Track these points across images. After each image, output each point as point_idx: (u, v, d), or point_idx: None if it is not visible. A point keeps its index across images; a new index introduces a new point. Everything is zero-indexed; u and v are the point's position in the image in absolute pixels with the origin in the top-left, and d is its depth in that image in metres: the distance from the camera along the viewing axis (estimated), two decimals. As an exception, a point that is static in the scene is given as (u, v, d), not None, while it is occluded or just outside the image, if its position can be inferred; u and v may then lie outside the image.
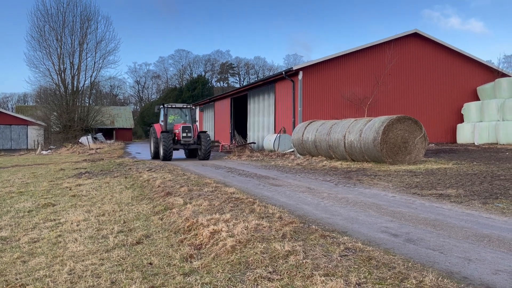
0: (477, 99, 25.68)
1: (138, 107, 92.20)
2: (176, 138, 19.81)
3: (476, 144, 23.58)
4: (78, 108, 45.06)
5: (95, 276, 4.59)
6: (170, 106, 20.90)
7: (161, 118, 21.12)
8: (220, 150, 27.60)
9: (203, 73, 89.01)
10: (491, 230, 5.54)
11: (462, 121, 25.47)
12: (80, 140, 39.67)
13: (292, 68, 22.67)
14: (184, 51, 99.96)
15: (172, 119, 21.16)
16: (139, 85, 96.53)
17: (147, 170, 13.67)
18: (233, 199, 7.72)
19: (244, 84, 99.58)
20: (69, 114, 43.28)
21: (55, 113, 44.31)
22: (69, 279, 4.51)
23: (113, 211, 8.02)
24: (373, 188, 9.36)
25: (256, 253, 4.67)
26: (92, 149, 32.68)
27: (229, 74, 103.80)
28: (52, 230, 6.76)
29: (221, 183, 10.13)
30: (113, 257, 5.19)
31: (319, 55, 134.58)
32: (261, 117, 27.68)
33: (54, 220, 7.54)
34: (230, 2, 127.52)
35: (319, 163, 15.55)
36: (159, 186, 10.03)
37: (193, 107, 21.65)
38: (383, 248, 4.73)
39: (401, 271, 3.93)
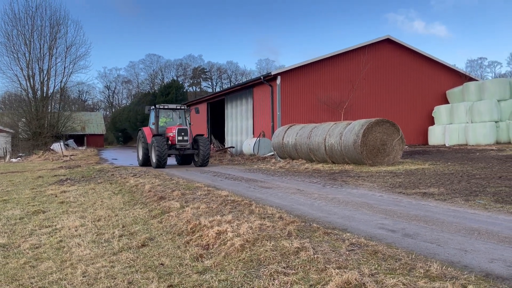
0: (447, 102, 26.79)
1: (108, 113, 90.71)
2: (170, 142, 17.75)
3: (447, 145, 24.59)
4: (48, 114, 43.98)
5: (110, 277, 4.69)
6: (162, 107, 18.62)
7: (151, 120, 19.21)
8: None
9: (175, 78, 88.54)
10: (479, 224, 5.95)
11: (433, 123, 26.50)
12: (52, 147, 38.75)
13: (270, 73, 23.04)
14: (155, 56, 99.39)
15: (163, 121, 19.04)
16: (109, 90, 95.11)
17: (132, 176, 13.64)
18: (229, 201, 7.90)
19: (217, 88, 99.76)
20: (39, 121, 42.18)
21: (23, 119, 43.13)
22: (85, 281, 4.60)
23: (108, 216, 8.05)
24: (360, 188, 9.74)
25: (266, 250, 4.88)
26: (66, 156, 32.00)
27: (201, 79, 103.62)
28: (51, 236, 6.76)
29: (212, 186, 10.29)
30: (122, 260, 5.29)
31: (288, 60, 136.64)
32: (239, 121, 27.90)
33: (50, 226, 7.51)
34: (201, 7, 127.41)
35: (301, 166, 15.90)
36: (149, 191, 10.08)
37: (187, 108, 19.68)
38: (385, 242, 5.03)
39: (407, 262, 4.24)
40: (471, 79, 27.82)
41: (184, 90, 68.36)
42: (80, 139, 60.45)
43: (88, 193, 11.30)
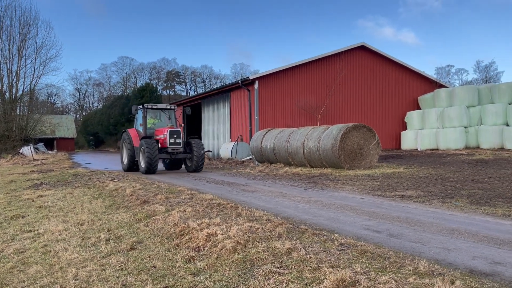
0: (419, 108, 27.63)
1: (79, 116, 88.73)
2: (160, 145, 16.22)
3: (419, 150, 25.34)
4: (17, 117, 42.73)
5: (103, 280, 4.68)
6: (150, 106, 17.26)
7: (138, 121, 17.80)
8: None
9: (148, 81, 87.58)
10: (458, 224, 6.23)
11: (405, 128, 27.26)
12: (21, 151, 37.60)
13: (248, 77, 23.19)
14: (127, 58, 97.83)
15: (151, 122, 17.45)
16: (80, 93, 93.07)
17: (111, 180, 13.46)
18: (215, 204, 7.96)
19: (191, 92, 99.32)
20: (7, 124, 40.92)
21: (-10, 122, 41.72)
22: (78, 284, 4.57)
23: (91, 220, 7.96)
24: (341, 191, 9.97)
25: (259, 251, 4.98)
26: (37, 159, 31.13)
27: (175, 82, 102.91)
28: (35, 241, 6.64)
29: (195, 190, 10.30)
30: (113, 263, 5.27)
31: (261, 64, 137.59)
32: (216, 125, 27.91)
33: (31, 231, 7.37)
34: (175, 10, 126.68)
35: (280, 169, 16.08)
36: (131, 195, 10.00)
37: (176, 108, 18.33)
38: (372, 242, 5.22)
39: (396, 260, 4.42)
40: (441, 86, 28.81)
41: (159, 93, 67.59)
42: (49, 143, 58.88)
43: (67, 197, 11.10)
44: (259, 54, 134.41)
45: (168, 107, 17.74)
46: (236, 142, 22.83)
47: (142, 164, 15.68)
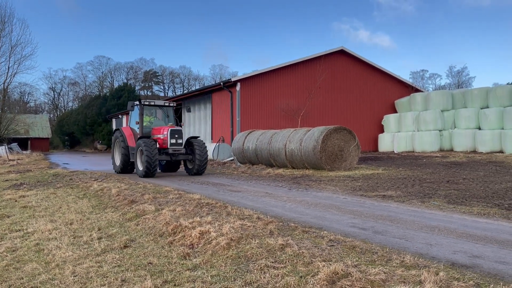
0: (395, 111, 28.37)
1: (53, 116, 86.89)
2: (159, 146, 14.74)
3: (395, 152, 26.04)
4: (-11, 116, 41.69)
5: (101, 276, 4.81)
6: (148, 103, 15.79)
7: (133, 118, 16.28)
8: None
9: (125, 81, 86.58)
10: (437, 222, 6.60)
11: (382, 131, 27.96)
12: (-5, 151, 36.66)
13: (230, 79, 23.38)
14: (104, 58, 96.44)
15: (147, 120, 15.93)
16: (55, 92, 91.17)
17: (94, 180, 13.42)
18: (204, 204, 8.12)
19: (169, 93, 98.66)
20: (-20, 123, 39.88)
21: (-39, 121, 40.57)
22: (78, 280, 4.68)
23: (80, 219, 8.00)
24: (324, 192, 10.27)
25: (252, 247, 5.19)
26: (12, 160, 30.45)
27: (153, 83, 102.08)
28: (26, 240, 6.68)
29: (181, 190, 10.42)
30: (108, 260, 5.39)
31: (239, 66, 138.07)
32: (197, 126, 27.97)
33: (20, 230, 7.39)
34: (153, 10, 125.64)
35: (262, 170, 16.32)
36: (117, 195, 10.05)
37: (175, 105, 16.81)
38: (359, 238, 5.50)
39: (383, 254, 4.71)
40: (417, 90, 29.68)
41: (137, 94, 66.91)
42: (23, 143, 57.55)
43: (50, 197, 11.04)
44: (237, 55, 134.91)
45: (167, 104, 16.23)
46: (217, 143, 22.97)
47: (140, 166, 14.34)
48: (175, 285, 4.42)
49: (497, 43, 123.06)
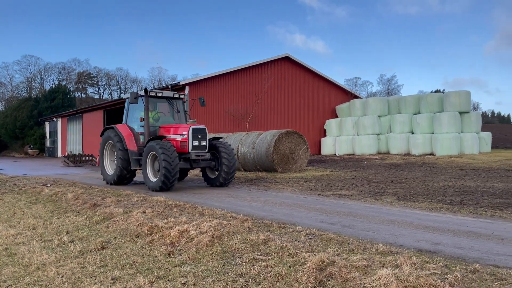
0: (336, 116, 29.80)
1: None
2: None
3: (337, 155, 27.34)
4: None
5: (89, 276, 4.83)
6: (155, 93, 12.38)
7: (130, 114, 12.87)
8: (97, 165, 26.48)
9: (56, 82, 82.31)
10: (394, 217, 7.26)
11: (325, 135, 29.24)
12: None
13: (179, 82, 23.31)
14: (33, 57, 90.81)
15: (151, 116, 12.44)
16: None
17: (43, 185, 12.87)
18: (172, 205, 8.23)
19: (105, 95, 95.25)
20: None
21: None
22: (66, 281, 4.68)
23: (42, 224, 7.77)
24: (284, 192, 10.74)
25: (236, 243, 5.46)
26: None
27: (87, 84, 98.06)
28: (-10, 245, 6.41)
29: (143, 193, 10.37)
30: (90, 261, 5.39)
31: (177, 69, 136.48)
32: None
33: (-21, 236, 7.04)
34: (89, 9, 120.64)
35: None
36: (76, 199, 9.81)
37: (185, 96, 13.84)
38: (332, 232, 5.96)
39: (359, 244, 5.20)
40: (355, 96, 31.40)
41: (72, 95, 63.92)
42: None
43: (-2, 203, 10.49)
44: (173, 57, 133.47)
45: (177, 96, 13.01)
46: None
47: (152, 177, 11.28)
48: (168, 280, 4.57)
49: (423, 52, 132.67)
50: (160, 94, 12.50)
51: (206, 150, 11.73)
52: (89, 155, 31.06)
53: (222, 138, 13.24)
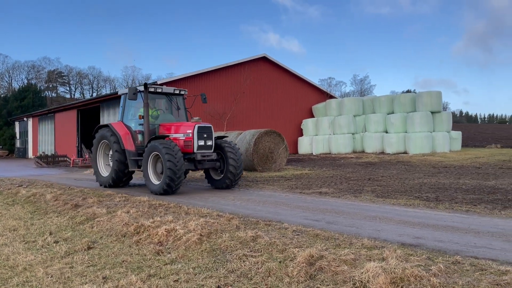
0: (313, 116, 30.19)
1: None
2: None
3: (314, 154, 27.71)
4: None
5: (79, 275, 4.83)
6: (154, 89, 11.61)
7: (126, 111, 12.07)
8: (72, 165, 26.00)
9: (25, 81, 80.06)
10: (375, 213, 7.49)
11: (302, 134, 29.57)
12: None
13: (156, 82, 23.11)
14: (1, 55, 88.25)
15: (149, 114, 11.45)
16: None
17: (18, 186, 12.60)
18: (157, 205, 8.23)
19: (76, 94, 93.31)
20: None
21: None
22: (56, 281, 4.66)
23: (23, 225, 7.66)
24: (265, 191, 10.87)
25: (225, 241, 5.54)
26: None
27: (58, 83, 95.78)
28: (-29, 247, 6.27)
29: (124, 193, 10.29)
30: (78, 261, 5.37)
31: (152, 67, 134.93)
32: (117, 130, 27.05)
33: (-42, 238, 6.87)
34: (58, 6, 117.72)
35: (196, 172, 16.48)
36: (56, 200, 9.67)
37: (186, 93, 12.91)
38: (318, 228, 6.12)
39: (345, 239, 5.37)
40: (331, 96, 31.89)
41: (43, 95, 62.26)
42: None
43: (-28, 205, 10.22)
44: (146, 56, 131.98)
45: (177, 92, 12.33)
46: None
47: (155, 179, 10.53)
48: (160, 278, 4.62)
49: (394, 52, 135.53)
50: (160, 90, 11.80)
51: (212, 150, 11.06)
52: (62, 155, 30.41)
53: (226, 136, 12.71)
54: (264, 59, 27.74)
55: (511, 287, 3.65)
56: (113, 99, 27.64)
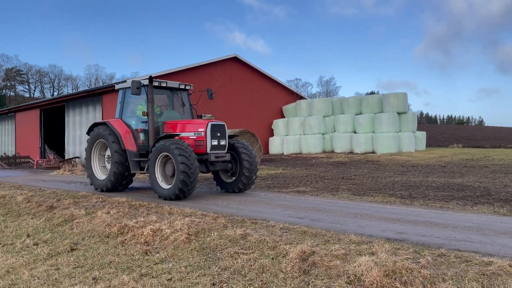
0: (283, 116, 30.45)
1: None
2: None
3: (285, 154, 27.96)
4: None
5: (67, 277, 4.73)
6: (158, 83, 10.64)
7: (125, 107, 11.15)
8: (35, 167, 25.11)
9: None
10: (355, 210, 7.69)
11: (273, 135, 29.78)
12: None
13: (125, 81, 22.62)
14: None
15: (154, 110, 10.66)
16: None
17: (-16, 188, 12.07)
18: (137, 206, 8.11)
19: (36, 93, 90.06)
20: None
21: None
22: (44, 283, 4.55)
23: (-3, 228, 7.36)
24: (244, 190, 10.89)
25: (214, 239, 5.55)
26: None
27: (16, 82, 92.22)
28: None
29: (100, 195, 10.06)
30: (63, 263, 5.25)
31: (116, 66, 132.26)
32: (83, 130, 26.34)
33: None
34: (16, 1, 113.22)
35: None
36: (28, 202, 9.35)
37: (192, 88, 11.79)
38: (304, 225, 6.22)
39: (332, 236, 5.49)
40: (301, 97, 32.28)
41: (1, 93, 59.73)
42: None
43: None
44: (112, 55, 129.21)
45: (182, 86, 11.29)
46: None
47: (164, 183, 9.55)
48: (152, 277, 4.58)
49: (358, 54, 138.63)
50: (164, 84, 10.79)
51: (226, 151, 10.11)
52: (25, 156, 29.31)
53: (237, 135, 12.00)
54: (235, 59, 27.75)
55: (496, 277, 3.87)
56: (79, 98, 26.91)
